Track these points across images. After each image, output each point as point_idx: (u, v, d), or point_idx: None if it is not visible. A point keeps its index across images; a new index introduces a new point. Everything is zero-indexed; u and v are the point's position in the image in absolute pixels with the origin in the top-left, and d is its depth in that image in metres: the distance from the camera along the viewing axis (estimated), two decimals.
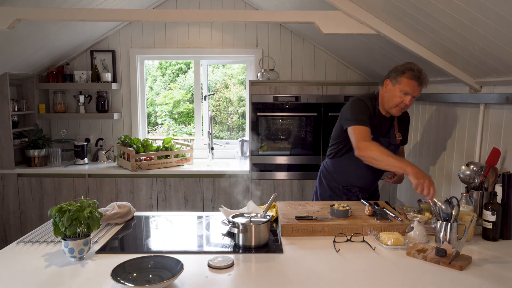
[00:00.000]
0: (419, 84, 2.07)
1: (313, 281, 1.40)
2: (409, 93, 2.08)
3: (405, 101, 2.10)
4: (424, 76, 2.08)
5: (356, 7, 2.18)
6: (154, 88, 6.73)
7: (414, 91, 2.08)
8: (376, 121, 2.22)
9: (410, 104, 2.12)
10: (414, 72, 2.06)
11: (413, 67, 2.09)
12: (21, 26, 2.82)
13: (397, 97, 2.11)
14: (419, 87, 2.08)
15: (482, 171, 2.00)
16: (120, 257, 1.55)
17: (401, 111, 2.17)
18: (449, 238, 1.67)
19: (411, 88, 2.07)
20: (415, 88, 2.07)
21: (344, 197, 2.34)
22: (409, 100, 2.10)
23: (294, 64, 4.04)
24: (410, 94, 2.08)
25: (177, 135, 6.21)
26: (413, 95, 2.09)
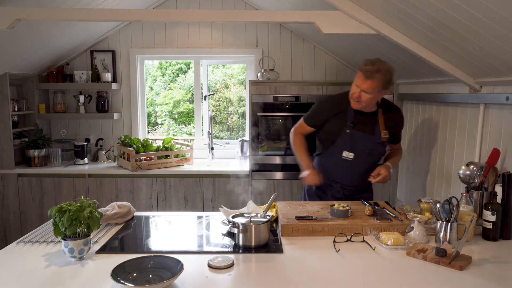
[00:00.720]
0: (365, 78, 2.08)
1: (313, 281, 1.40)
2: (358, 85, 2.12)
3: (355, 93, 2.14)
4: (374, 72, 2.06)
5: (356, 7, 2.18)
6: (154, 88, 6.74)
7: (362, 84, 2.10)
8: (352, 116, 2.22)
9: (361, 98, 2.12)
10: (365, 66, 2.10)
11: (367, 61, 2.12)
12: (21, 26, 2.82)
13: (352, 89, 2.17)
14: (365, 80, 2.08)
15: (482, 171, 2.00)
16: (120, 257, 1.55)
17: (356, 104, 2.17)
18: (449, 238, 1.67)
19: (360, 81, 2.11)
20: (362, 81, 2.10)
21: (328, 193, 2.35)
22: (358, 92, 2.12)
23: (294, 64, 4.04)
24: (359, 87, 2.11)
25: (177, 135, 6.22)
26: (361, 88, 2.10)
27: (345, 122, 2.21)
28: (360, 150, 2.21)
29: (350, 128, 2.19)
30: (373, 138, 2.22)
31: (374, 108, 2.23)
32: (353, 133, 2.19)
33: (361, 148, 2.21)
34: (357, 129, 2.20)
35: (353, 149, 2.21)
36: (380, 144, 2.24)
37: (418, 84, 3.15)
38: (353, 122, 2.21)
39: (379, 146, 2.24)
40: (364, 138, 2.20)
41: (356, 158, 2.21)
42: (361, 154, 2.21)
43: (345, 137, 2.21)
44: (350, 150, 2.22)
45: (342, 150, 2.23)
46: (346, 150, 2.22)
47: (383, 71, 2.08)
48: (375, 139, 2.22)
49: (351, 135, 2.19)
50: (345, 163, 2.23)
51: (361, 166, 2.24)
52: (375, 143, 2.22)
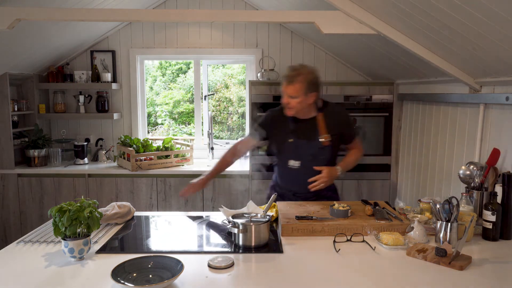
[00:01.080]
0: (287, 83, 2.11)
1: (313, 281, 1.40)
2: (284, 92, 2.15)
3: (284, 100, 2.17)
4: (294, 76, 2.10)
5: (356, 7, 2.18)
6: (154, 88, 6.74)
7: (286, 90, 2.13)
8: (293, 126, 2.23)
9: (291, 104, 2.14)
10: (286, 73, 2.15)
11: (290, 67, 2.16)
12: (21, 26, 2.82)
13: (283, 98, 2.18)
14: (288, 86, 2.11)
15: (482, 171, 2.00)
16: (120, 257, 1.55)
17: (289, 111, 2.19)
18: (449, 238, 1.67)
19: (284, 88, 2.14)
20: (286, 87, 2.13)
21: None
22: (287, 99, 2.14)
23: None
24: (285, 94, 2.14)
25: (177, 135, 6.22)
26: (287, 94, 2.13)
27: (287, 132, 2.24)
28: (305, 158, 2.21)
29: (292, 138, 2.22)
30: (315, 144, 2.20)
31: (313, 113, 2.23)
32: (295, 141, 2.21)
33: (305, 155, 2.21)
34: (299, 137, 2.21)
35: (298, 157, 2.22)
36: (322, 148, 2.20)
37: (418, 84, 3.15)
38: (293, 131, 2.22)
39: (323, 151, 2.21)
40: (307, 145, 2.21)
41: (302, 165, 2.22)
42: (306, 161, 2.21)
43: (289, 146, 2.23)
44: (295, 158, 2.23)
45: (287, 159, 2.25)
46: (291, 159, 2.24)
47: (304, 74, 2.10)
48: (317, 144, 2.20)
49: (293, 144, 2.22)
50: (293, 172, 2.24)
51: (308, 172, 2.18)
52: (318, 149, 2.20)
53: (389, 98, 3.50)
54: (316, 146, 2.20)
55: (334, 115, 2.25)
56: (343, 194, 3.59)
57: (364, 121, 3.55)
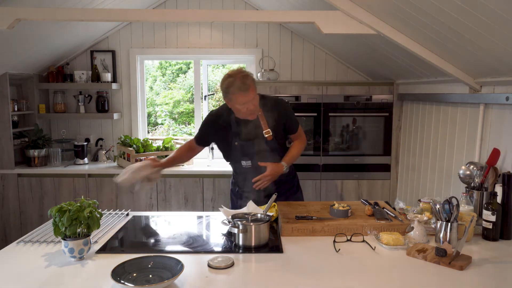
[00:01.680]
0: (245, 91, 2.02)
1: (313, 281, 1.40)
2: (245, 103, 2.05)
3: (249, 108, 2.08)
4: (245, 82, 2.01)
5: (356, 7, 2.18)
6: (154, 88, 6.74)
7: (246, 98, 2.04)
8: (236, 128, 2.20)
9: (255, 106, 2.09)
10: (233, 86, 2.02)
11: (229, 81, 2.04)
12: (21, 26, 2.82)
13: (240, 110, 2.09)
14: (247, 94, 2.03)
15: (482, 171, 2.00)
16: (120, 257, 1.55)
17: (254, 115, 2.14)
18: (449, 238, 1.67)
19: (243, 99, 2.04)
20: (245, 96, 2.03)
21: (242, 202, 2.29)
22: (252, 105, 2.07)
23: (294, 64, 4.04)
24: (247, 103, 2.05)
25: (177, 135, 6.21)
26: (249, 100, 2.05)
27: (231, 136, 2.21)
28: (254, 156, 2.21)
29: (237, 140, 2.20)
30: (260, 141, 2.19)
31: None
32: (241, 144, 2.20)
33: (254, 154, 2.21)
34: (244, 139, 2.20)
35: (248, 157, 2.22)
36: (268, 143, 2.20)
37: (418, 84, 3.15)
38: (237, 133, 2.20)
39: (269, 145, 2.20)
40: (252, 145, 2.19)
41: (254, 163, 2.22)
42: (256, 159, 2.20)
43: (236, 149, 2.22)
44: (245, 159, 2.23)
45: (239, 161, 2.25)
46: (242, 160, 2.24)
47: (248, 75, 2.07)
48: (262, 141, 2.19)
49: (240, 146, 2.20)
50: (248, 171, 2.24)
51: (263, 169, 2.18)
52: (263, 145, 2.19)
53: (389, 98, 3.50)
54: (262, 143, 2.19)
55: (272, 108, 2.21)
56: (343, 194, 3.59)
57: (364, 121, 3.55)
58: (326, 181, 3.59)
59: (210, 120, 2.28)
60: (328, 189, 3.59)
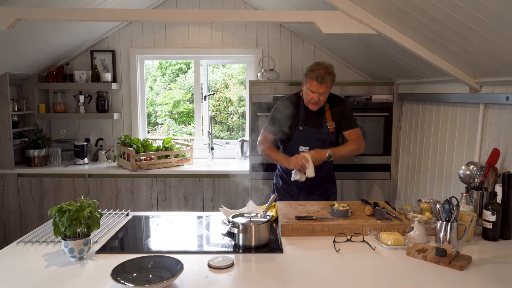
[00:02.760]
0: (319, 83, 2.26)
1: (313, 281, 1.40)
2: (314, 91, 2.30)
3: (314, 98, 2.32)
4: (324, 75, 2.26)
5: (356, 7, 2.18)
6: (154, 88, 6.74)
7: (318, 89, 2.28)
8: (303, 114, 2.44)
9: (320, 100, 2.33)
10: (314, 73, 2.27)
11: (314, 67, 2.30)
12: (21, 26, 2.82)
13: (307, 95, 2.35)
14: (320, 85, 2.27)
15: (482, 171, 2.00)
16: (120, 257, 1.55)
17: (315, 106, 2.38)
18: (449, 238, 1.67)
19: (314, 87, 2.29)
20: (317, 87, 2.28)
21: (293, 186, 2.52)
22: (317, 97, 2.31)
23: (294, 64, 4.04)
24: (315, 92, 2.29)
25: (177, 135, 6.22)
26: (318, 92, 2.29)
27: (297, 121, 2.44)
28: (313, 143, 2.40)
29: (302, 126, 2.43)
30: (322, 130, 2.43)
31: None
32: (305, 129, 2.43)
33: (314, 141, 2.41)
34: (308, 125, 2.43)
35: (307, 143, 2.42)
36: (328, 134, 2.43)
37: (418, 84, 3.15)
38: (303, 119, 2.43)
39: (329, 136, 2.44)
40: (315, 132, 2.42)
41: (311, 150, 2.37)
42: (314, 146, 2.37)
43: (299, 133, 2.44)
44: (304, 144, 2.43)
45: (298, 145, 2.45)
46: (301, 145, 2.44)
47: (332, 73, 2.31)
48: (323, 130, 2.43)
49: (304, 131, 2.43)
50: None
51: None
52: (324, 134, 2.43)
53: (389, 98, 3.50)
54: (323, 133, 2.42)
55: (337, 105, 2.46)
56: (343, 194, 3.59)
57: (364, 121, 3.55)
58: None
59: (283, 107, 2.47)
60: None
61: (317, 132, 2.42)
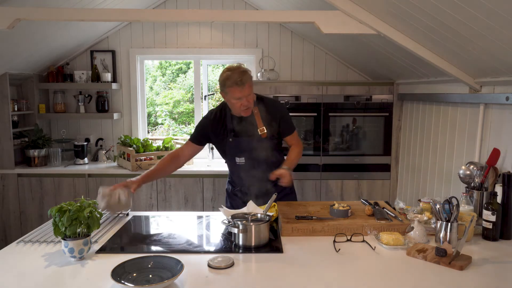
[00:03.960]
0: (240, 85, 2.07)
1: (313, 281, 1.40)
2: (239, 97, 2.10)
3: (243, 104, 2.12)
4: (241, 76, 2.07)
5: (356, 7, 2.18)
6: (154, 88, 6.74)
7: (242, 93, 2.09)
8: (230, 125, 2.25)
9: (249, 102, 2.13)
10: (230, 79, 2.07)
11: (228, 75, 2.09)
12: (21, 26, 2.82)
13: (234, 104, 2.14)
14: (242, 88, 2.07)
15: (482, 171, 2.00)
16: (120, 257, 1.55)
17: (248, 110, 2.17)
18: (449, 238, 1.67)
19: (238, 93, 2.08)
20: (240, 91, 2.08)
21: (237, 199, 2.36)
22: (245, 101, 2.11)
23: (294, 64, 4.04)
24: (241, 97, 2.10)
25: (177, 135, 6.21)
26: (244, 96, 2.10)
27: (226, 132, 2.26)
28: (247, 153, 2.24)
29: (231, 137, 2.25)
30: (254, 138, 2.23)
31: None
32: (235, 140, 2.24)
33: (248, 151, 2.24)
34: (238, 135, 2.24)
35: (241, 154, 2.26)
36: (261, 141, 2.23)
37: (418, 84, 3.15)
38: (232, 129, 2.25)
39: (263, 144, 2.23)
40: (247, 141, 2.23)
41: (247, 160, 2.26)
42: (251, 156, 2.24)
43: (230, 145, 2.26)
44: (239, 155, 2.26)
45: (233, 156, 2.28)
46: (236, 156, 2.27)
47: (245, 70, 2.12)
48: (256, 138, 2.23)
49: (234, 142, 2.25)
50: (241, 167, 2.28)
51: (255, 166, 2.24)
52: (257, 142, 2.23)
53: (389, 98, 3.50)
54: (255, 140, 2.23)
55: (269, 108, 2.25)
56: (343, 194, 3.59)
57: (364, 121, 3.55)
58: (326, 181, 3.59)
59: (206, 116, 2.35)
60: (328, 189, 3.59)
61: (249, 140, 2.23)
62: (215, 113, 2.31)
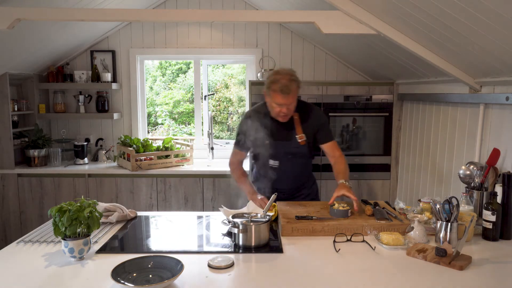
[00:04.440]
0: (285, 94, 2.04)
1: (313, 281, 1.40)
2: (281, 104, 2.08)
3: (282, 111, 2.10)
4: (288, 84, 2.03)
5: (356, 7, 2.18)
6: (154, 88, 6.74)
7: (284, 101, 2.06)
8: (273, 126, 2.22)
9: (290, 110, 2.11)
10: (276, 84, 2.04)
11: (275, 78, 2.06)
12: (21, 26, 2.82)
13: (274, 109, 2.12)
14: (286, 96, 2.05)
15: (482, 171, 2.00)
16: (120, 257, 1.55)
17: (285, 117, 2.16)
18: (449, 238, 1.67)
19: (280, 100, 2.06)
20: (283, 99, 2.05)
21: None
22: (285, 109, 2.09)
23: (294, 64, 4.03)
24: (282, 104, 2.08)
25: (177, 135, 6.22)
26: (285, 104, 2.07)
27: (264, 134, 2.22)
28: (283, 157, 2.25)
29: (269, 140, 2.21)
30: (291, 144, 2.23)
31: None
32: (272, 143, 2.22)
33: (283, 155, 2.25)
34: (275, 139, 2.22)
35: (276, 157, 2.26)
36: (299, 147, 2.24)
37: (418, 84, 3.15)
38: (271, 132, 2.22)
39: (299, 149, 2.25)
40: (283, 145, 2.23)
41: (281, 164, 2.27)
42: (285, 159, 2.25)
43: (266, 147, 2.23)
44: (274, 158, 2.26)
45: (268, 159, 2.28)
46: (270, 159, 2.27)
47: (295, 79, 2.08)
48: (292, 144, 2.23)
49: (271, 145, 2.22)
50: (274, 170, 2.29)
51: (289, 170, 2.28)
52: (294, 148, 2.24)
53: (389, 98, 3.50)
54: (293, 146, 2.23)
55: (308, 114, 2.26)
56: None
57: (364, 121, 3.55)
58: (326, 181, 3.58)
59: (248, 120, 2.27)
60: (328, 189, 3.59)
61: (285, 145, 2.24)
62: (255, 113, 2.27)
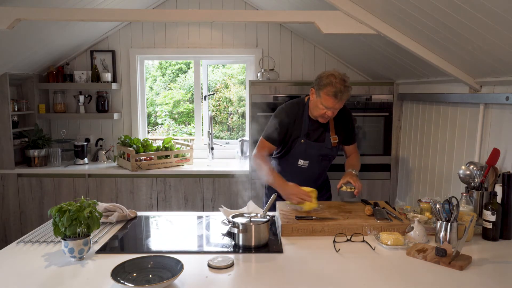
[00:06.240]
0: (338, 100, 2.05)
1: (313, 281, 1.40)
2: (329, 108, 2.09)
3: (327, 114, 2.11)
4: (343, 90, 2.04)
5: (356, 7, 2.18)
6: (154, 88, 6.73)
7: (334, 105, 2.08)
8: (306, 126, 2.23)
9: (333, 114, 2.14)
10: (332, 87, 2.03)
11: (331, 81, 2.04)
12: (21, 26, 2.82)
13: (319, 109, 2.12)
14: (338, 101, 2.06)
15: (482, 171, 2.00)
16: (120, 257, 1.55)
17: (326, 120, 2.18)
18: (449, 238, 1.67)
19: (331, 103, 2.07)
20: (334, 103, 2.06)
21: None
22: (331, 112, 2.11)
23: (294, 64, 4.04)
24: (330, 108, 2.09)
25: (177, 135, 6.21)
26: (334, 107, 2.09)
27: (299, 132, 2.22)
28: (314, 158, 2.27)
29: (304, 138, 2.22)
30: (325, 145, 2.26)
31: None
32: (307, 143, 2.23)
33: (314, 156, 2.26)
34: (310, 139, 2.24)
35: (307, 157, 2.26)
36: (330, 149, 2.27)
37: (418, 84, 3.15)
38: (306, 132, 2.23)
39: (331, 151, 2.28)
40: (316, 147, 2.25)
41: (310, 164, 2.28)
42: (315, 161, 2.27)
43: (300, 147, 2.24)
44: (304, 158, 2.26)
45: (297, 158, 2.28)
46: (301, 158, 2.27)
47: (349, 85, 2.09)
48: (326, 145, 2.26)
49: (304, 145, 2.23)
50: (300, 169, 2.29)
51: (314, 171, 2.32)
52: (326, 149, 2.26)
53: (389, 98, 3.50)
54: (326, 147, 2.26)
55: (341, 117, 2.28)
56: None
57: (364, 121, 3.55)
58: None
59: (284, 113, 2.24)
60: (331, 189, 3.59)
61: (319, 146, 2.24)
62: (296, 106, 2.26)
